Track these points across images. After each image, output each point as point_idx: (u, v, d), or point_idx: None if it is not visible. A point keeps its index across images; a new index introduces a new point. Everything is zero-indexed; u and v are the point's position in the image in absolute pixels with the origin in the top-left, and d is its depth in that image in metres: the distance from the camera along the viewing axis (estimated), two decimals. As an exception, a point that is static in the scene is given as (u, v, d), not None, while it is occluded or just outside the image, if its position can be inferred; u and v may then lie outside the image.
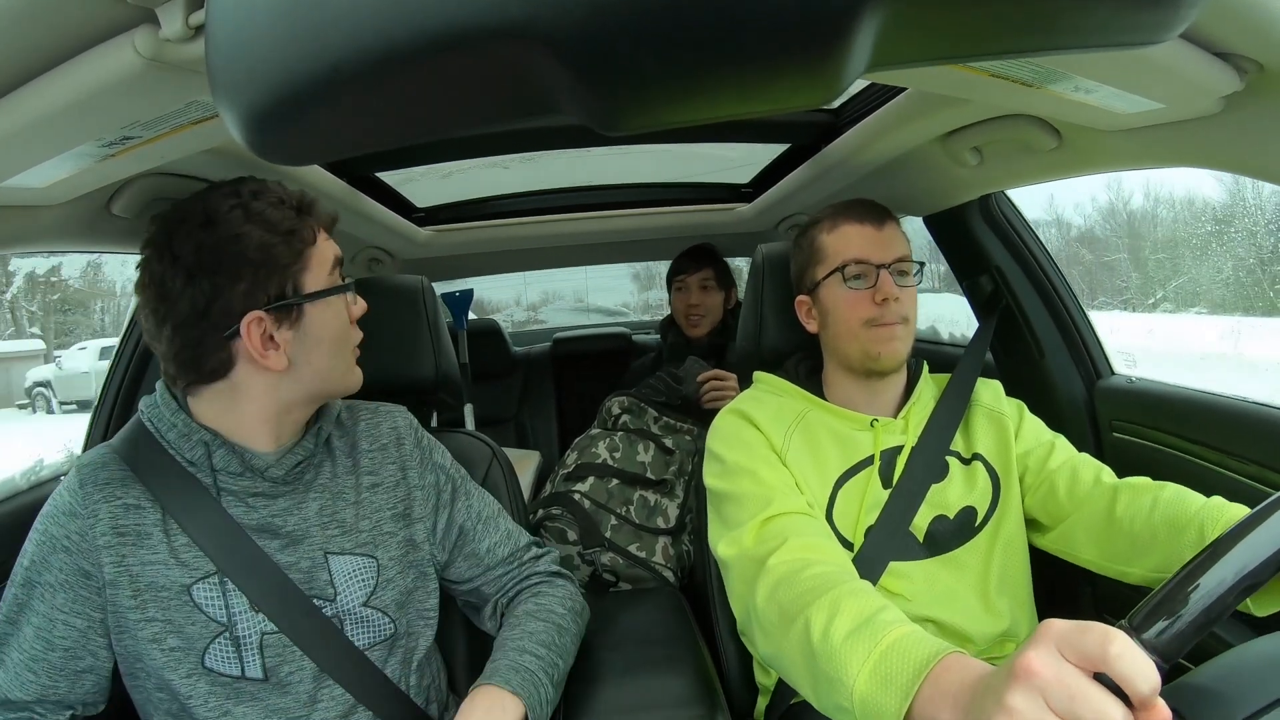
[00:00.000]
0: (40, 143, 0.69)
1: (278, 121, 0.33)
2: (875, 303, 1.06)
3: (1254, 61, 0.74)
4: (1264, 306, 3.96)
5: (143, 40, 0.57)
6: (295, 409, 0.90)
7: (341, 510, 0.93)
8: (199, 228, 0.81)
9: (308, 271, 0.86)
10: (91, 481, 0.85)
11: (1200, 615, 0.51)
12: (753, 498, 0.99)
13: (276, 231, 0.83)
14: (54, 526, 0.84)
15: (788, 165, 1.86)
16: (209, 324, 0.81)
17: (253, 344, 0.82)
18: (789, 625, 0.80)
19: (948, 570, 1.04)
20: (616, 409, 1.92)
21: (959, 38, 0.35)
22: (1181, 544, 0.88)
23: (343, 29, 0.30)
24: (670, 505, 1.75)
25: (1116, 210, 4.98)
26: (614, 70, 0.30)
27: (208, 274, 0.80)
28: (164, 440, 0.87)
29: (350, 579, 0.91)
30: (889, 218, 1.11)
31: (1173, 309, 4.63)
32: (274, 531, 0.88)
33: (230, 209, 0.82)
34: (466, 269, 2.51)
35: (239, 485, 0.87)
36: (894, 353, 1.07)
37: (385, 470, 0.98)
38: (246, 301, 0.81)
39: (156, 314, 0.82)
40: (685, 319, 2.14)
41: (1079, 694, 0.49)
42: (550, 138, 1.62)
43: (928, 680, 0.63)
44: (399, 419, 1.03)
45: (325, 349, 0.88)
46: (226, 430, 0.87)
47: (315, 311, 0.86)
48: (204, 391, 0.86)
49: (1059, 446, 1.12)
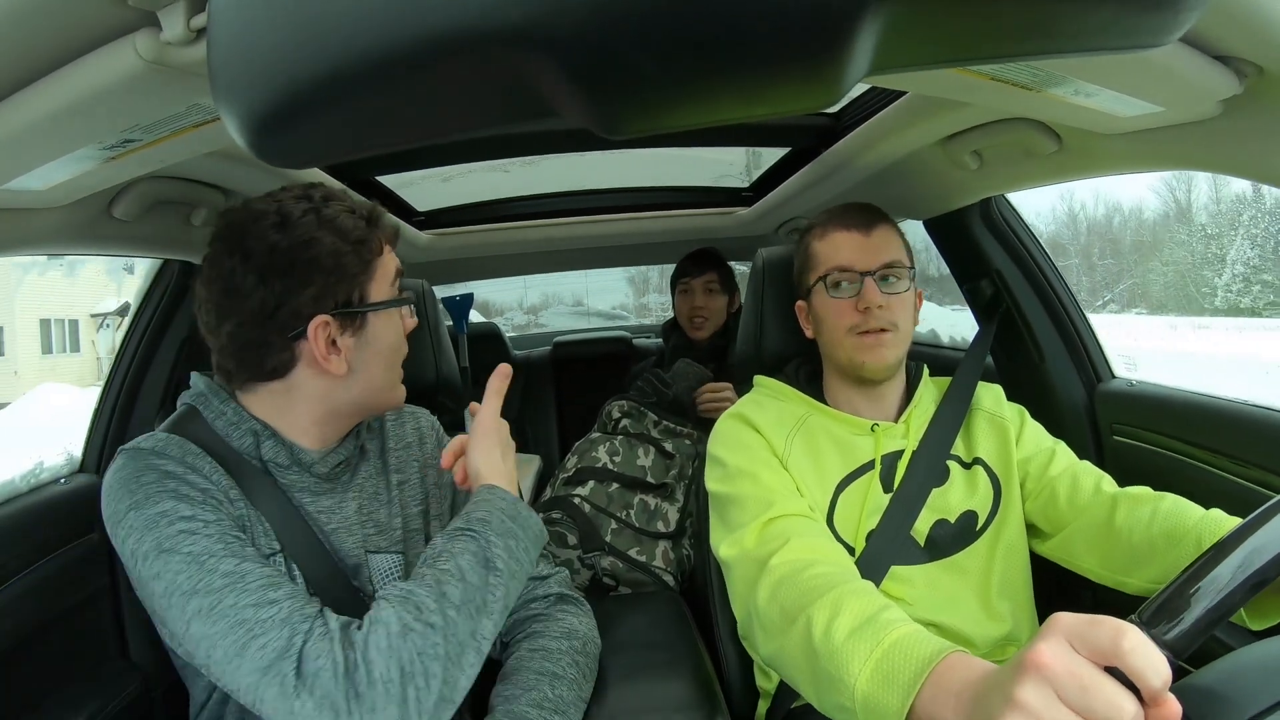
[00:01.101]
0: (41, 146, 0.69)
1: (279, 124, 0.33)
2: (859, 310, 1.05)
3: (1253, 65, 0.74)
4: (1194, 308, 4.15)
5: (144, 43, 0.57)
6: (343, 416, 0.91)
7: (376, 510, 0.94)
8: (272, 228, 0.82)
9: (373, 282, 0.87)
10: (177, 450, 0.82)
11: (1209, 611, 0.51)
12: (754, 500, 0.99)
13: (348, 240, 0.84)
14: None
15: (788, 169, 1.86)
16: (275, 324, 0.82)
17: (318, 347, 0.83)
18: (790, 624, 0.80)
19: (949, 575, 1.04)
20: (617, 413, 1.92)
21: (960, 41, 0.35)
22: (1178, 555, 0.89)
23: (344, 33, 0.30)
24: (670, 509, 1.74)
25: (1077, 218, 5.14)
26: (615, 74, 0.30)
27: (280, 275, 0.81)
28: (213, 426, 0.87)
29: (385, 576, 0.92)
30: (880, 223, 1.09)
31: (1118, 309, 4.77)
32: (317, 527, 0.89)
33: (304, 213, 0.83)
34: (467, 273, 2.51)
35: (287, 479, 0.88)
36: (879, 360, 1.06)
37: (410, 469, 1.00)
38: (315, 305, 0.82)
39: (220, 309, 0.83)
40: (689, 322, 2.14)
41: (1092, 686, 0.48)
42: (551, 141, 1.62)
43: (930, 679, 0.63)
44: (422, 420, 1.06)
45: (382, 359, 0.89)
46: (276, 427, 0.88)
47: (377, 321, 0.88)
48: (259, 389, 0.87)
49: (1060, 453, 1.12)
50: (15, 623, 1.02)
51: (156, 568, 0.74)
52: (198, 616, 0.73)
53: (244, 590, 0.73)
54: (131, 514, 0.76)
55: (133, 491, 0.77)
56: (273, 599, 0.73)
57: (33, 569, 1.07)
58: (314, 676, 0.70)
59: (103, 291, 17.38)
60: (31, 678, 1.05)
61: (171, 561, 0.74)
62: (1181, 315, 14.12)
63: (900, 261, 1.08)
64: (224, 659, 0.72)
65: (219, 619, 0.72)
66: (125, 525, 0.77)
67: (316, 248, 0.82)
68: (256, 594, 0.73)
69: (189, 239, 1.24)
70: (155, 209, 1.09)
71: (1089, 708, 0.48)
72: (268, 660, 0.70)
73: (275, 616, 0.72)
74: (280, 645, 0.71)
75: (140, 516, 0.76)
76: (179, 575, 0.74)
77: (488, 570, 0.80)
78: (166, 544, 0.75)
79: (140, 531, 0.75)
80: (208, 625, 0.72)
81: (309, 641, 0.71)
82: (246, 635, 0.71)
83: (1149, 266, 15.11)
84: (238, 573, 0.74)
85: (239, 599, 0.73)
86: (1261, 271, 14.69)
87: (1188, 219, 15.60)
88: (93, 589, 1.19)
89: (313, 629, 0.72)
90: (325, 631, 0.73)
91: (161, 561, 0.74)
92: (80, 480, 1.24)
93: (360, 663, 0.71)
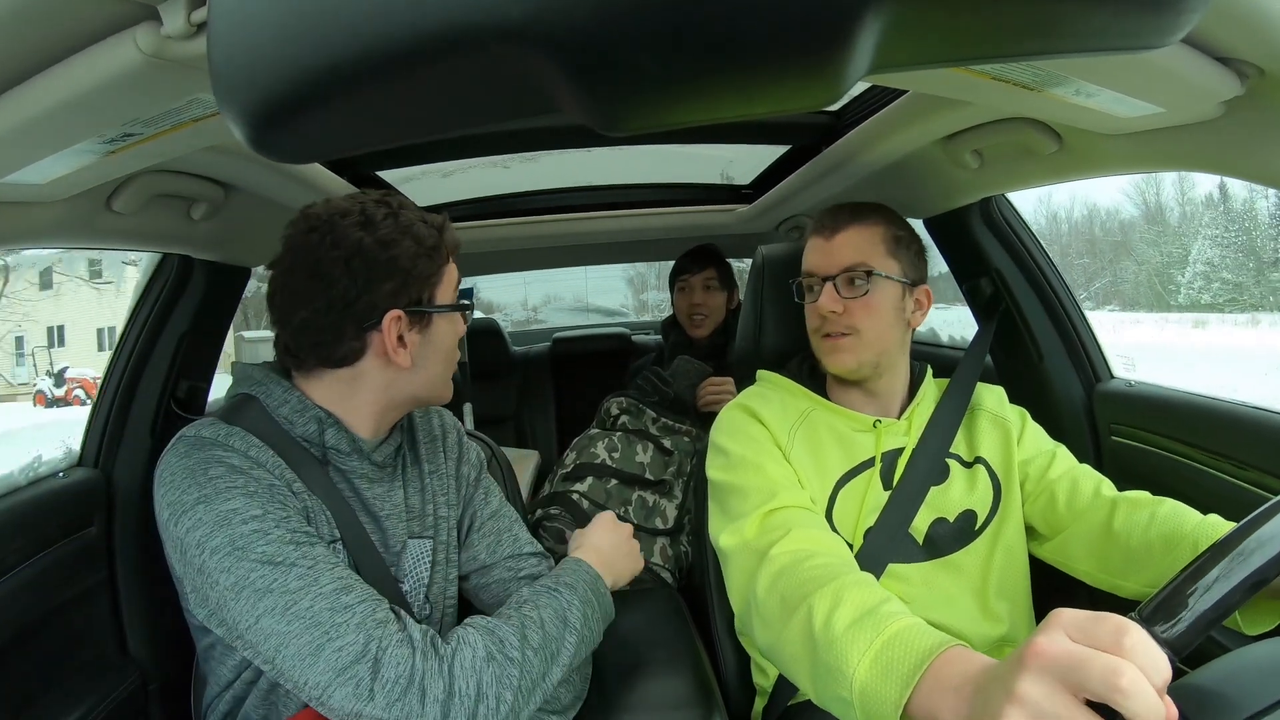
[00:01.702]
0: (41, 139, 0.69)
1: (279, 119, 0.33)
2: (821, 315, 1.07)
3: (1255, 66, 0.74)
4: (1162, 305, 4.25)
5: (144, 37, 0.56)
6: (399, 407, 0.96)
7: (412, 497, 1.00)
8: (357, 226, 0.87)
9: (440, 286, 0.94)
10: (240, 442, 0.85)
11: (1209, 610, 0.51)
12: (757, 490, 0.99)
13: (423, 246, 0.90)
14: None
15: (788, 166, 1.86)
16: (351, 313, 0.87)
17: (390, 339, 0.88)
18: (790, 615, 0.80)
19: (946, 574, 1.04)
20: (615, 409, 1.92)
21: (961, 40, 0.35)
22: (1175, 560, 0.89)
23: (344, 28, 0.30)
24: (669, 506, 1.75)
25: (1059, 219, 5.25)
26: (615, 71, 0.30)
27: (364, 268, 0.86)
28: (276, 414, 0.90)
29: (418, 561, 0.97)
30: (848, 225, 1.07)
31: (1093, 306, 4.85)
32: (372, 513, 0.94)
33: (385, 216, 0.89)
34: (466, 268, 2.50)
35: (348, 465, 0.93)
36: (838, 364, 1.07)
37: (437, 460, 1.05)
38: (391, 301, 0.88)
39: (300, 294, 0.87)
40: (689, 319, 2.14)
41: (1097, 674, 0.47)
42: (551, 138, 1.62)
43: (929, 672, 0.62)
44: (445, 417, 1.13)
45: (441, 356, 0.96)
46: (337, 413, 0.92)
47: (441, 322, 0.95)
48: (325, 376, 0.92)
49: (1060, 456, 1.12)
50: (13, 617, 1.02)
51: (228, 563, 0.77)
52: (270, 614, 0.76)
53: (319, 594, 0.77)
54: (200, 507, 0.79)
55: (201, 485, 0.80)
56: (347, 604, 0.78)
57: (30, 563, 1.07)
58: (392, 682, 0.75)
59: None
60: (29, 672, 1.05)
61: (245, 560, 0.77)
62: (1148, 311, 14.95)
63: (864, 264, 1.05)
64: (295, 656, 0.75)
65: (294, 619, 0.76)
66: (192, 517, 0.79)
67: (397, 248, 0.88)
68: (331, 597, 0.77)
69: (188, 233, 1.24)
70: (155, 203, 1.09)
71: (1090, 691, 0.48)
72: (344, 662, 0.75)
73: (350, 621, 0.77)
74: (357, 649, 0.75)
75: (211, 512, 0.79)
76: (252, 573, 0.77)
77: (564, 626, 0.90)
78: (240, 542, 0.78)
79: (210, 526, 0.78)
80: (281, 624, 0.76)
81: (387, 647, 0.76)
82: (323, 637, 0.75)
83: (1122, 265, 15.74)
84: (312, 574, 0.78)
85: (315, 602, 0.77)
86: (1220, 270, 15.29)
87: (1160, 221, 16.27)
88: (91, 583, 1.19)
89: (390, 634, 0.77)
90: (405, 639, 0.78)
91: (234, 559, 0.77)
92: (79, 474, 1.24)
93: (443, 674, 0.77)
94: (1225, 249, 15.41)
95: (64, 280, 17.30)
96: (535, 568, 1.06)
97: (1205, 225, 15.64)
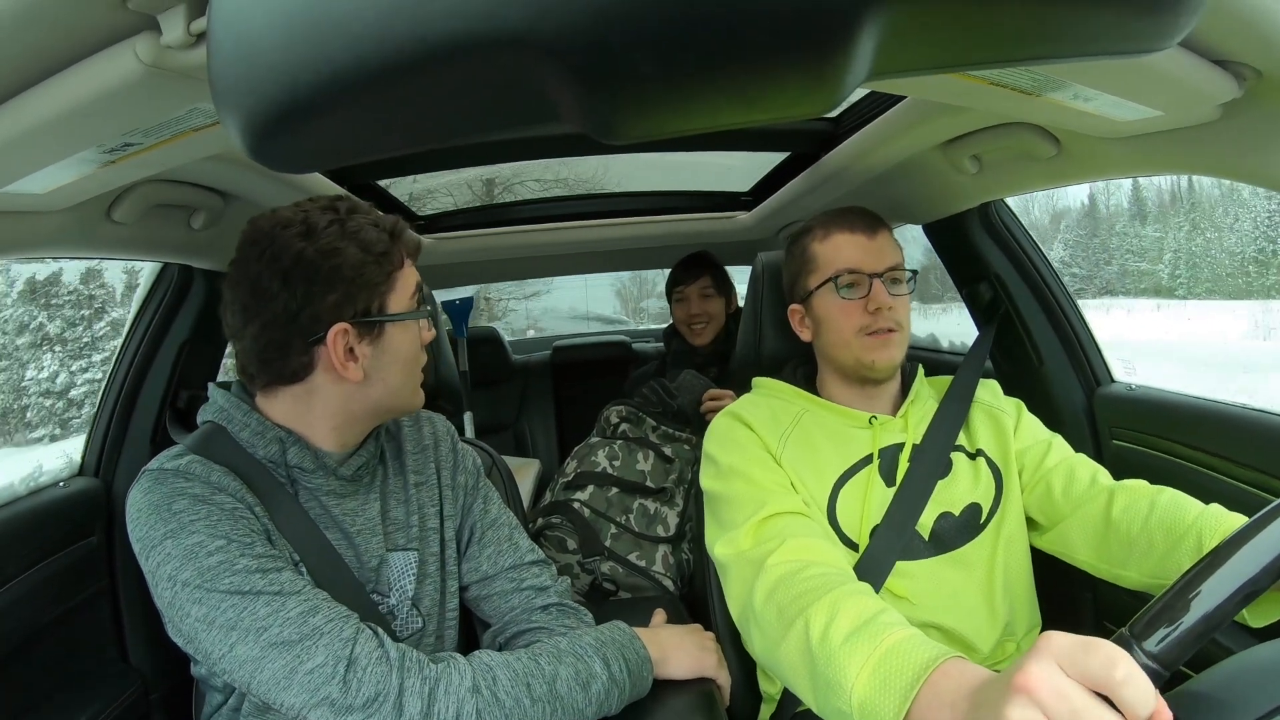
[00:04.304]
0: (41, 149, 0.69)
1: (278, 129, 0.33)
2: (869, 311, 1.07)
3: (1253, 69, 0.74)
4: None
5: (144, 47, 0.57)
6: (361, 420, 0.93)
7: (395, 509, 0.98)
8: (298, 236, 0.84)
9: (393, 293, 0.90)
10: (201, 469, 0.85)
11: (1200, 623, 0.51)
12: (747, 499, 0.99)
13: (371, 252, 0.86)
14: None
15: (787, 173, 1.86)
16: (297, 328, 0.84)
17: (335, 353, 0.85)
18: (788, 627, 0.80)
19: (953, 569, 1.04)
20: (615, 417, 1.92)
21: (959, 46, 0.35)
22: (1179, 553, 0.89)
23: (344, 37, 0.30)
24: (670, 513, 1.74)
25: (1039, 222, 5.44)
26: (614, 79, 0.30)
27: (303, 281, 0.83)
28: (238, 439, 0.89)
29: (401, 574, 0.95)
30: (881, 226, 1.11)
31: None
32: (342, 529, 0.92)
33: (329, 224, 0.86)
34: (466, 276, 2.51)
35: (313, 482, 0.91)
36: (889, 359, 1.08)
37: (427, 470, 1.03)
38: (335, 313, 0.85)
39: (246, 311, 0.85)
40: (689, 328, 2.14)
41: (1083, 711, 0.48)
42: (550, 146, 1.62)
43: (926, 685, 0.62)
44: (438, 424, 1.09)
45: (398, 368, 0.92)
46: (298, 430, 0.90)
47: (395, 331, 0.90)
48: (280, 393, 0.90)
49: (1056, 445, 1.12)
50: (14, 625, 1.02)
51: (198, 595, 0.78)
52: (242, 643, 0.77)
53: (286, 619, 0.77)
54: (168, 542, 0.79)
55: (166, 520, 0.80)
56: (315, 626, 0.78)
57: (32, 572, 1.07)
58: (369, 698, 0.76)
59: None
60: (31, 681, 1.05)
61: (213, 592, 0.77)
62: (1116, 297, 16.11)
63: (902, 264, 1.10)
64: (270, 681, 0.76)
65: (266, 646, 0.76)
66: (161, 552, 0.79)
67: (339, 257, 0.84)
68: (299, 622, 0.77)
69: (189, 242, 1.24)
70: (155, 212, 1.09)
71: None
72: (317, 683, 0.75)
73: (319, 643, 0.77)
74: (328, 671, 0.76)
75: (179, 546, 0.79)
76: (222, 603, 0.77)
77: (584, 691, 0.87)
78: (208, 574, 0.78)
79: (179, 560, 0.78)
80: (255, 651, 0.76)
81: (359, 665, 0.77)
82: (295, 660, 0.76)
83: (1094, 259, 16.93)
84: (279, 600, 0.78)
85: (284, 628, 0.77)
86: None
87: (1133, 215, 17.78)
88: (92, 592, 1.19)
89: (361, 652, 0.78)
90: (381, 656, 0.78)
91: (203, 591, 0.77)
92: (79, 484, 1.24)
93: (422, 694, 0.78)
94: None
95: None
96: (537, 577, 1.05)
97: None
